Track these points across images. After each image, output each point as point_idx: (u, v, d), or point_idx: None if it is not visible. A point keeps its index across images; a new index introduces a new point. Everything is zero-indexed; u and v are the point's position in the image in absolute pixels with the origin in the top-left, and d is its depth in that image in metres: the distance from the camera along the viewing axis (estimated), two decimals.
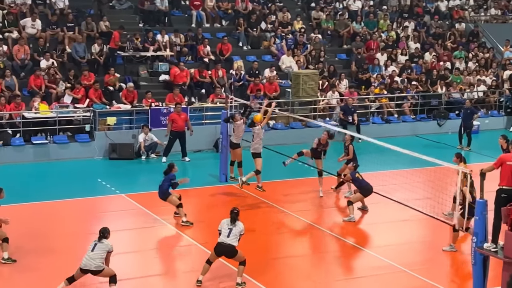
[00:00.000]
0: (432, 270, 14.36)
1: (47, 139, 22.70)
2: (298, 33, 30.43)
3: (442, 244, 15.54)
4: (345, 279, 14.09)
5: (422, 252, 15.57)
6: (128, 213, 17.59)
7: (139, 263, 14.56)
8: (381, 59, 30.42)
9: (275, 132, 25.29)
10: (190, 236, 15.85)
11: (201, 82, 26.45)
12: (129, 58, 26.40)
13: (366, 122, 27.20)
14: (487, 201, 11.76)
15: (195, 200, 18.90)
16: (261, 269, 14.07)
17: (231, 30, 30.09)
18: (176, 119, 22.51)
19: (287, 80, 28.16)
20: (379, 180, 18.31)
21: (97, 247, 12.61)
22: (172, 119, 22.55)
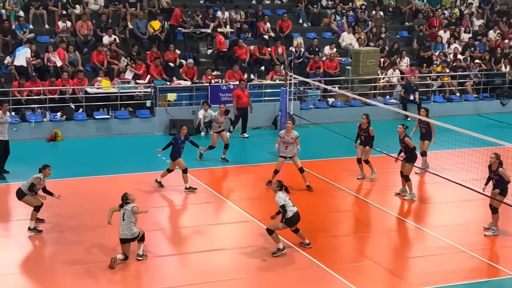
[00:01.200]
0: (492, 251, 14.19)
1: (108, 114, 23.09)
2: (359, 10, 30.13)
3: (502, 225, 15.31)
4: (403, 258, 14.03)
5: (480, 232, 15.35)
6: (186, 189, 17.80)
7: (199, 238, 14.74)
8: (443, 37, 29.92)
9: (334, 110, 25.19)
10: (248, 212, 15.96)
11: (261, 59, 26.48)
12: (189, 35, 26.57)
13: (427, 100, 26.84)
14: None
15: (253, 176, 19.01)
16: (320, 248, 14.11)
17: (291, 7, 29.98)
18: (241, 96, 22.49)
19: (347, 58, 27.97)
20: (437, 161, 18.10)
21: (126, 215, 12.96)
22: (236, 96, 22.55)
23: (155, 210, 16.06)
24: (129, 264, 13.07)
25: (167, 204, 16.87)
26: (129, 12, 26.55)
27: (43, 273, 12.89)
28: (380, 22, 29.72)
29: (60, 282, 12.52)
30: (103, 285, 12.37)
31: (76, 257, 13.36)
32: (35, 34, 25.14)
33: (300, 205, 14.47)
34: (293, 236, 14.07)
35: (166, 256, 13.63)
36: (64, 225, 14.92)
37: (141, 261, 13.19)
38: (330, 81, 26.05)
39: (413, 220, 15.91)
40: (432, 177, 16.97)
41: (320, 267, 13.10)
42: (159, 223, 15.43)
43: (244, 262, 13.47)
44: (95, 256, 13.40)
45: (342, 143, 19.78)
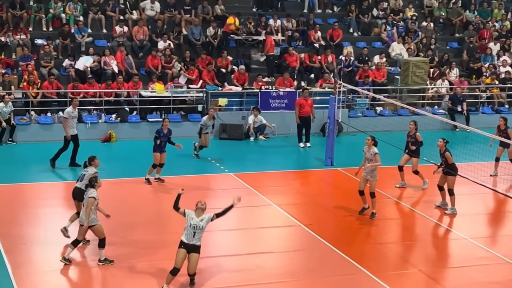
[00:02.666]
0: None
1: (161, 117, 23.68)
2: (410, 21, 30.31)
3: None
4: (448, 268, 14.22)
5: None
6: (236, 192, 18.13)
7: (245, 241, 15.15)
8: (493, 49, 29.91)
9: (382, 119, 25.45)
10: (295, 217, 16.34)
11: (311, 67, 26.87)
12: (241, 42, 27.11)
13: (475, 112, 26.90)
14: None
15: (300, 182, 19.40)
16: (366, 254, 14.42)
17: (342, 16, 30.31)
18: (304, 104, 22.68)
19: (397, 67, 28.19)
20: (482, 171, 18.24)
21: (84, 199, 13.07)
22: (299, 104, 22.75)
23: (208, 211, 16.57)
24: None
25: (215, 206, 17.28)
26: (184, 19, 27.22)
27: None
28: (430, 33, 29.86)
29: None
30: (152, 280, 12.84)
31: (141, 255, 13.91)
32: (93, 38, 25.98)
33: (348, 212, 14.83)
34: (339, 243, 14.39)
35: (217, 257, 14.07)
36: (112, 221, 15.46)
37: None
38: (378, 90, 26.32)
39: (458, 230, 16.09)
40: (478, 188, 17.13)
41: (365, 274, 13.35)
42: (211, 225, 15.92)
43: (291, 266, 13.84)
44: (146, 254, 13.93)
45: (389, 151, 20.00)
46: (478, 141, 20.60)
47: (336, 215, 16.60)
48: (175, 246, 12.32)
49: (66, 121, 19.22)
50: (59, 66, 24.63)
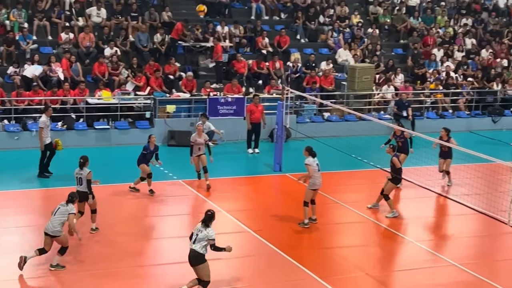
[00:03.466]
0: (483, 265, 14.59)
1: (108, 124, 23.54)
2: (356, 27, 30.71)
3: (492, 239, 15.80)
4: (396, 271, 14.42)
5: (472, 247, 15.82)
6: (184, 199, 18.24)
7: None
8: (437, 55, 30.50)
9: (329, 124, 25.70)
10: (244, 223, 16.37)
11: (259, 73, 27.00)
12: (189, 48, 27.09)
13: (420, 116, 27.38)
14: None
15: (249, 188, 19.45)
16: (313, 259, 14.53)
17: (289, 23, 30.55)
18: (254, 110, 22.76)
19: (343, 73, 28.51)
20: (429, 176, 18.56)
21: (59, 210, 13.13)
22: (250, 110, 22.82)
23: (154, 219, 16.52)
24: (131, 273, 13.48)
25: (164, 214, 17.23)
26: (131, 25, 27.08)
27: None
28: (376, 40, 30.31)
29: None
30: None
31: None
32: (38, 45, 25.63)
33: (297, 218, 14.93)
34: (288, 248, 14.48)
35: (166, 265, 14.02)
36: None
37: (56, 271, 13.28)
38: (326, 96, 26.59)
39: (404, 234, 16.33)
40: (424, 192, 17.42)
41: (313, 278, 13.44)
42: (156, 233, 15.85)
43: (240, 272, 13.87)
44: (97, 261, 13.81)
45: (337, 156, 20.23)
46: (423, 145, 20.91)
47: (285, 221, 16.68)
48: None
49: (42, 130, 19.06)
50: (4, 73, 24.24)
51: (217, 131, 23.45)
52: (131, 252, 14.25)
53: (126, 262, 13.82)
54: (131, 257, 14.08)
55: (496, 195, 15.94)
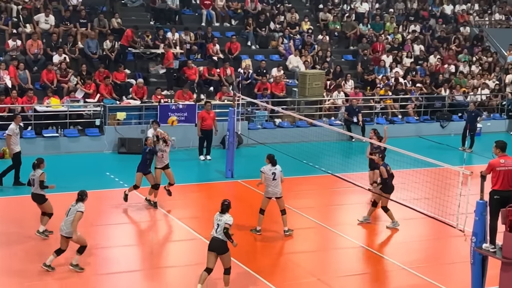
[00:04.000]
0: (432, 268, 14.79)
1: (57, 132, 23.24)
2: (306, 34, 30.91)
3: (441, 243, 16.03)
4: (347, 276, 14.49)
5: (421, 250, 16.03)
6: (135, 207, 18.07)
7: (146, 256, 15.03)
8: (386, 61, 30.88)
9: (281, 130, 25.79)
10: (196, 231, 16.31)
11: (210, 80, 26.97)
12: (139, 55, 26.93)
13: (370, 122, 27.67)
14: (487, 202, 12.16)
15: (201, 195, 19.40)
16: (266, 266, 14.54)
17: (240, 30, 30.61)
18: (205, 117, 22.70)
19: (294, 80, 28.66)
20: None
21: (70, 211, 13.37)
22: (201, 117, 22.77)
23: (104, 227, 16.34)
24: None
25: (114, 222, 17.07)
26: (80, 32, 26.79)
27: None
28: (326, 46, 30.56)
29: None
30: None
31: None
32: None
33: (249, 224, 14.91)
34: (240, 255, 14.47)
35: (118, 273, 13.88)
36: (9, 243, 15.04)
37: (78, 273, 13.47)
38: (277, 102, 26.68)
39: (356, 239, 16.46)
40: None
41: (266, 285, 13.45)
42: (109, 241, 15.68)
43: (193, 280, 13.77)
44: None
45: (288, 162, 20.28)
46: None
47: (237, 228, 16.63)
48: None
49: (10, 138, 18.78)
50: None
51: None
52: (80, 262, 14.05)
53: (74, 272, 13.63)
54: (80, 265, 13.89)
55: (444, 199, 16.14)
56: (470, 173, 13.28)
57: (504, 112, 30.31)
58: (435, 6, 36.46)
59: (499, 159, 12.68)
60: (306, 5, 34.31)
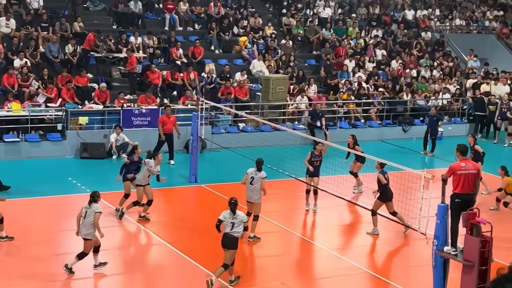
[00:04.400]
0: (394, 272, 14.92)
1: (19, 137, 22.95)
2: (269, 38, 31.00)
3: (403, 246, 16.17)
4: (313, 279, 14.57)
5: (384, 254, 16.16)
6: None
7: (109, 261, 14.90)
8: (349, 66, 31.10)
9: (245, 135, 25.81)
10: (159, 235, 16.23)
11: (173, 84, 26.89)
12: (102, 59, 26.75)
13: (333, 126, 27.83)
14: (448, 205, 12.31)
15: (164, 200, 19.30)
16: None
17: (204, 34, 30.57)
18: (166, 121, 22.59)
19: (258, 84, 28.71)
20: (341, 184, 18.87)
21: (88, 213, 13.52)
22: (162, 122, 22.65)
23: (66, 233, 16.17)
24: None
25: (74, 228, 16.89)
26: (41, 36, 26.51)
27: None
28: (289, 51, 30.68)
29: None
30: None
31: None
32: None
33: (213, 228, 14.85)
34: (204, 260, 14.43)
35: (81, 279, 13.77)
36: None
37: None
38: (241, 107, 26.71)
39: (319, 242, 16.52)
40: (338, 200, 17.69)
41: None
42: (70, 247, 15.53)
43: (156, 285, 13.74)
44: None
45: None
46: (336, 155, 21.27)
47: (200, 232, 16.62)
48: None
49: None
50: None
51: (131, 143, 23.18)
52: (36, 268, 13.88)
53: (31, 278, 13.47)
54: (38, 273, 13.72)
55: (406, 202, 16.29)
56: (432, 177, 13.44)
57: (465, 116, 30.71)
58: (397, 11, 36.85)
59: (460, 162, 12.86)
60: (269, 10, 34.43)
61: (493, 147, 27.93)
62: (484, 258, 11.80)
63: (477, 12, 38.61)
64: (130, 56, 26.40)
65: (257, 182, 15.97)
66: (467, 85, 31.75)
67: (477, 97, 30.01)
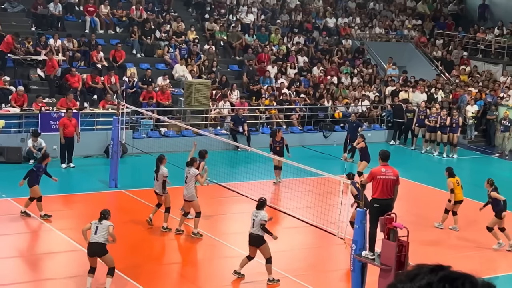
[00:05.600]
0: (314, 276, 15.07)
1: None
2: (192, 43, 30.91)
3: (322, 251, 16.36)
4: (229, 285, 14.56)
5: (303, 259, 16.30)
6: (14, 218, 17.49)
7: (25, 268, 14.58)
8: (271, 72, 31.29)
9: (166, 139, 25.63)
10: (77, 242, 15.93)
11: (93, 88, 26.48)
12: (19, 62, 26.12)
13: (255, 132, 27.94)
14: (366, 210, 12.52)
15: (83, 205, 18.99)
16: (151, 276, 14.38)
17: (125, 37, 30.25)
18: (67, 124, 22.32)
19: (180, 89, 28.57)
20: (263, 190, 19.00)
21: (99, 228, 13.19)
22: (63, 124, 22.37)
23: None
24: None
25: None
26: None
27: None
28: (212, 56, 30.66)
29: None
30: None
31: None
32: None
33: (134, 234, 14.70)
34: (125, 266, 14.25)
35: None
36: None
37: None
38: (163, 111, 26.51)
39: (241, 248, 16.53)
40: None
41: None
42: None
43: None
44: None
45: (174, 171, 20.18)
46: (258, 160, 21.39)
47: (120, 238, 16.39)
48: None
49: None
50: None
51: (44, 150, 22.70)
52: None
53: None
54: None
55: (326, 208, 16.48)
56: (351, 183, 13.67)
57: (384, 123, 31.32)
58: (319, 18, 37.29)
59: (380, 167, 13.09)
60: (192, 14, 34.31)
61: (410, 153, 28.62)
62: (400, 262, 12.05)
63: (396, 21, 39.45)
64: (50, 58, 25.84)
65: (189, 180, 16.47)
66: (386, 92, 32.38)
67: (396, 104, 30.65)
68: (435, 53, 36.78)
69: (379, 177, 12.90)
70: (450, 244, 17.66)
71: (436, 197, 20.45)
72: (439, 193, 20.51)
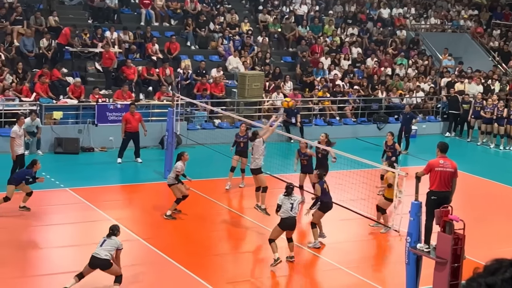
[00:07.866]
0: (368, 268, 15.02)
1: None
2: (245, 35, 30.99)
3: (376, 243, 16.28)
4: (281, 276, 14.60)
5: (357, 251, 16.26)
6: (72, 207, 17.86)
7: (84, 257, 14.83)
8: (325, 63, 31.19)
9: (220, 131, 25.79)
10: (133, 231, 16.20)
11: (149, 79, 26.81)
12: (77, 54, 26.58)
13: (308, 123, 27.92)
14: (421, 202, 12.40)
15: (139, 195, 19.27)
16: (203, 266, 14.54)
17: (180, 30, 30.49)
18: (130, 120, 22.19)
19: (234, 81, 28.70)
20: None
21: (106, 243, 12.85)
22: (126, 120, 22.30)
23: (37, 228, 16.11)
24: None
25: (50, 223, 16.84)
26: (16, 30, 26.28)
27: None
28: (266, 47, 30.69)
29: None
30: None
31: None
32: None
33: (186, 225, 14.86)
34: (177, 256, 14.43)
35: (56, 274, 13.69)
36: None
37: None
38: (216, 103, 26.69)
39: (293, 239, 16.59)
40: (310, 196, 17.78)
41: (204, 285, 13.48)
42: (41, 242, 15.46)
43: (131, 281, 13.72)
44: None
45: (227, 163, 20.34)
46: None
47: (174, 228, 16.63)
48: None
49: (13, 140, 18.44)
50: None
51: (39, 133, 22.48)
52: (14, 262, 13.80)
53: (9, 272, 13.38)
54: (14, 266, 13.64)
55: (378, 199, 16.43)
56: (406, 174, 13.55)
57: (439, 115, 30.94)
58: (373, 9, 36.98)
59: (438, 159, 12.91)
60: (245, 6, 34.40)
61: (466, 145, 28.23)
62: (456, 256, 11.91)
63: (452, 11, 38.88)
64: (107, 51, 26.22)
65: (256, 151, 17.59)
66: (441, 84, 31.97)
67: (451, 96, 30.26)
68: (491, 43, 36.15)
69: (437, 168, 12.72)
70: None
71: (493, 190, 20.16)
72: (496, 186, 20.21)
